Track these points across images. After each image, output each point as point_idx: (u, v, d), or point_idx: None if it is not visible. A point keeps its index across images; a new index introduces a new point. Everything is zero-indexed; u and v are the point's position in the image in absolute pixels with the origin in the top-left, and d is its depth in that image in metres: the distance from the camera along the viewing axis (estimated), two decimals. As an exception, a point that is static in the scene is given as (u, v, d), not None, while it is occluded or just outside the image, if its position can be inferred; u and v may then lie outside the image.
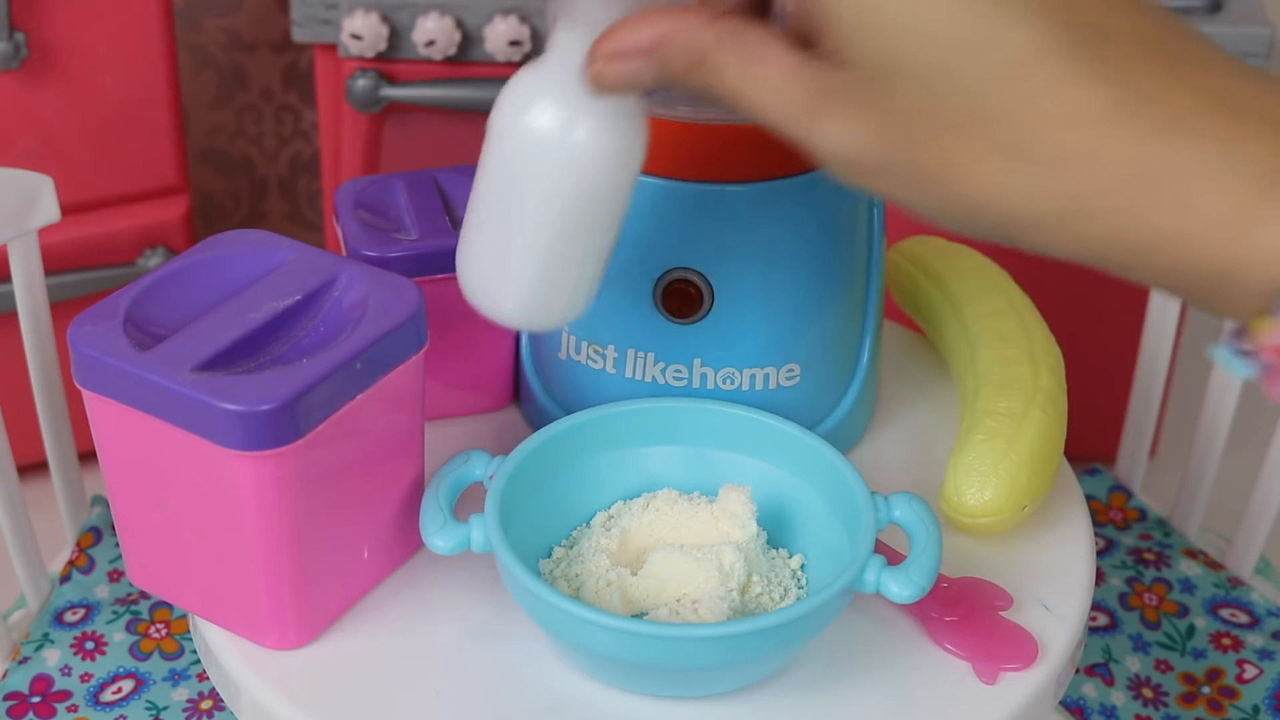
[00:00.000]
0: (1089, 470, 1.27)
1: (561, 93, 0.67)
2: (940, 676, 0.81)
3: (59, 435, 1.13)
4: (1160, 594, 1.17)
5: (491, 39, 1.50)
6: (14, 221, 1.04)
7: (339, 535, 0.81)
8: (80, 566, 1.15)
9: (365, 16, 1.50)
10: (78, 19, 1.50)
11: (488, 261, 0.73)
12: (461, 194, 0.95)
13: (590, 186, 0.69)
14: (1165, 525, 1.23)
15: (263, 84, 1.97)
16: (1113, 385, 1.65)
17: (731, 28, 0.59)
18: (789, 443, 0.85)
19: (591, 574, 0.81)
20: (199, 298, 0.82)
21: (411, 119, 1.58)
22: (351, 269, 0.82)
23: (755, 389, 0.88)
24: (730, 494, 0.82)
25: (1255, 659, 1.12)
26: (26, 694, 1.06)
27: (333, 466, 0.78)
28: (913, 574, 0.77)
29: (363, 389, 0.78)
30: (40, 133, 1.54)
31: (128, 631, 1.10)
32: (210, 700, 1.05)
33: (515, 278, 0.72)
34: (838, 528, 0.82)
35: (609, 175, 0.69)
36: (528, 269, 0.72)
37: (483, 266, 0.73)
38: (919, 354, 1.04)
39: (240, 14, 1.91)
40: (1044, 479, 0.89)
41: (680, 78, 0.60)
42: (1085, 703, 1.09)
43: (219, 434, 0.74)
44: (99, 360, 0.76)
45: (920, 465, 0.94)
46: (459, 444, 0.92)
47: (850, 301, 0.91)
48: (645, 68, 0.61)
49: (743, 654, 0.75)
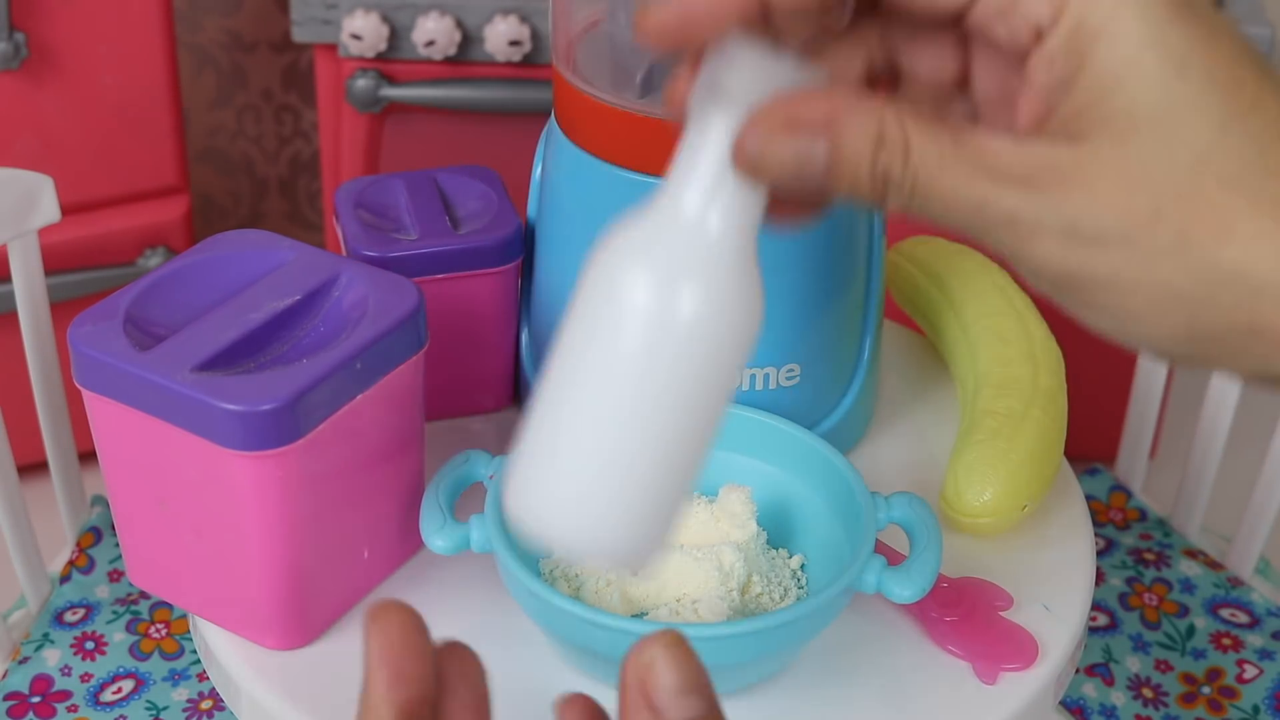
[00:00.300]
0: (1089, 470, 1.27)
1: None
2: (940, 676, 0.81)
3: (59, 435, 1.13)
4: (1160, 594, 1.17)
5: (491, 39, 1.50)
6: (14, 221, 1.04)
7: (339, 535, 0.81)
8: (80, 566, 1.15)
9: (365, 16, 1.50)
10: (78, 19, 1.50)
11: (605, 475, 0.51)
12: (462, 194, 0.95)
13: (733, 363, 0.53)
14: (1165, 525, 1.23)
15: (263, 84, 1.97)
16: (1113, 385, 1.65)
17: (915, 108, 0.51)
18: (789, 443, 0.85)
19: (591, 574, 0.81)
20: (199, 298, 0.82)
21: (411, 119, 1.58)
22: (351, 269, 0.82)
23: (755, 389, 0.88)
24: (730, 494, 0.82)
25: (1255, 659, 1.12)
26: (26, 694, 1.06)
27: (333, 466, 0.78)
28: (913, 574, 0.77)
29: (363, 389, 0.78)
30: (40, 133, 1.54)
31: (128, 631, 1.10)
32: (210, 700, 1.05)
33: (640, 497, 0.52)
34: (838, 528, 0.82)
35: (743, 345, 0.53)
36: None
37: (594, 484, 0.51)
38: (919, 354, 1.04)
39: (240, 14, 1.91)
40: (1044, 479, 0.89)
41: (852, 163, 0.50)
42: (1085, 703, 1.09)
43: (219, 434, 0.74)
44: (99, 360, 0.76)
45: (920, 465, 0.94)
46: (459, 444, 0.92)
47: (850, 301, 0.91)
48: (816, 147, 0.50)
49: (743, 654, 0.75)
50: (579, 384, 0.51)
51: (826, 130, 0.50)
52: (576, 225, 0.89)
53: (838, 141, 0.50)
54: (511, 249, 0.91)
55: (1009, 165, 0.49)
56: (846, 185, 0.50)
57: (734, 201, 0.51)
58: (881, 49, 0.54)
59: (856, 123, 0.50)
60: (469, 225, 0.93)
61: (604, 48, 0.87)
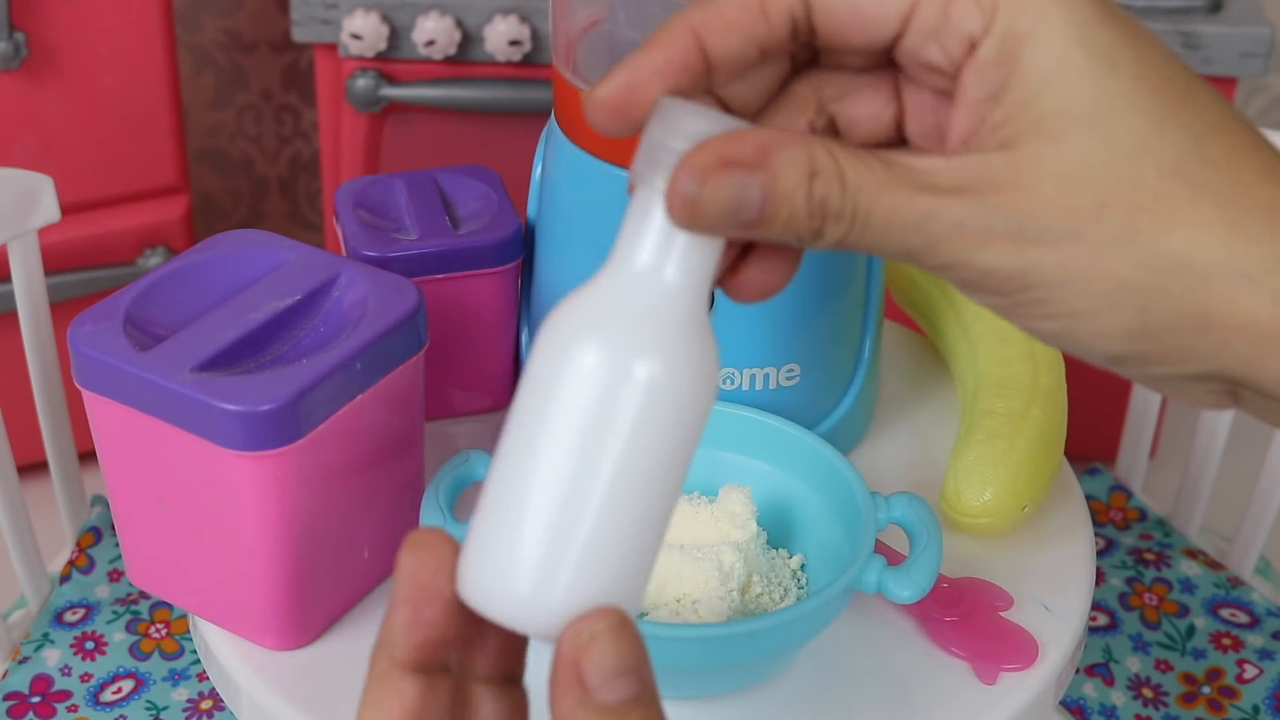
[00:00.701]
0: (1089, 470, 1.27)
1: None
2: (940, 676, 0.81)
3: (59, 435, 1.13)
4: (1160, 594, 1.17)
5: (491, 39, 1.50)
6: (14, 221, 1.04)
7: (339, 535, 0.81)
8: (80, 566, 1.15)
9: (365, 16, 1.50)
10: (78, 19, 1.50)
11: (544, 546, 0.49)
12: (462, 194, 0.95)
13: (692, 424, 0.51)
14: (1165, 525, 1.23)
15: (263, 84, 1.97)
16: (1113, 385, 1.65)
17: (842, 142, 0.50)
18: (789, 443, 0.85)
19: (591, 574, 0.81)
20: (199, 298, 0.82)
21: (411, 119, 1.58)
22: (351, 269, 0.82)
23: (755, 389, 0.88)
24: (730, 494, 0.82)
25: (1255, 659, 1.12)
26: (26, 694, 1.06)
27: (333, 466, 0.78)
28: (913, 574, 0.77)
29: (363, 389, 0.78)
30: (40, 133, 1.54)
31: (128, 631, 1.10)
32: (210, 700, 1.05)
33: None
34: (838, 528, 0.82)
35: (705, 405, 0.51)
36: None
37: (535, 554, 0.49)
38: (919, 354, 1.04)
39: (240, 14, 1.91)
40: (1044, 479, 0.89)
41: (788, 195, 0.49)
42: (1085, 703, 1.09)
43: (219, 434, 0.74)
44: (99, 360, 0.76)
45: (920, 465, 0.94)
46: (459, 444, 0.92)
47: (850, 301, 0.91)
48: (750, 184, 0.48)
49: (743, 654, 0.75)
50: (535, 463, 0.48)
51: (760, 164, 0.48)
52: (576, 225, 0.89)
53: (772, 174, 0.48)
54: (511, 249, 0.91)
55: (946, 179, 0.49)
56: (783, 219, 0.49)
57: (684, 261, 0.49)
58: (818, 106, 0.54)
59: (788, 156, 0.49)
60: (469, 225, 0.93)
61: (604, 47, 0.87)
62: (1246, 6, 1.51)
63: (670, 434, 0.49)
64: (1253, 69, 1.49)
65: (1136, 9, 1.49)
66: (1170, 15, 1.49)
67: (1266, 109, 2.01)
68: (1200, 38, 1.48)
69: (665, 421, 0.49)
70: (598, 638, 0.47)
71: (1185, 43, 1.48)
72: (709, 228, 0.49)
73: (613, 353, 0.48)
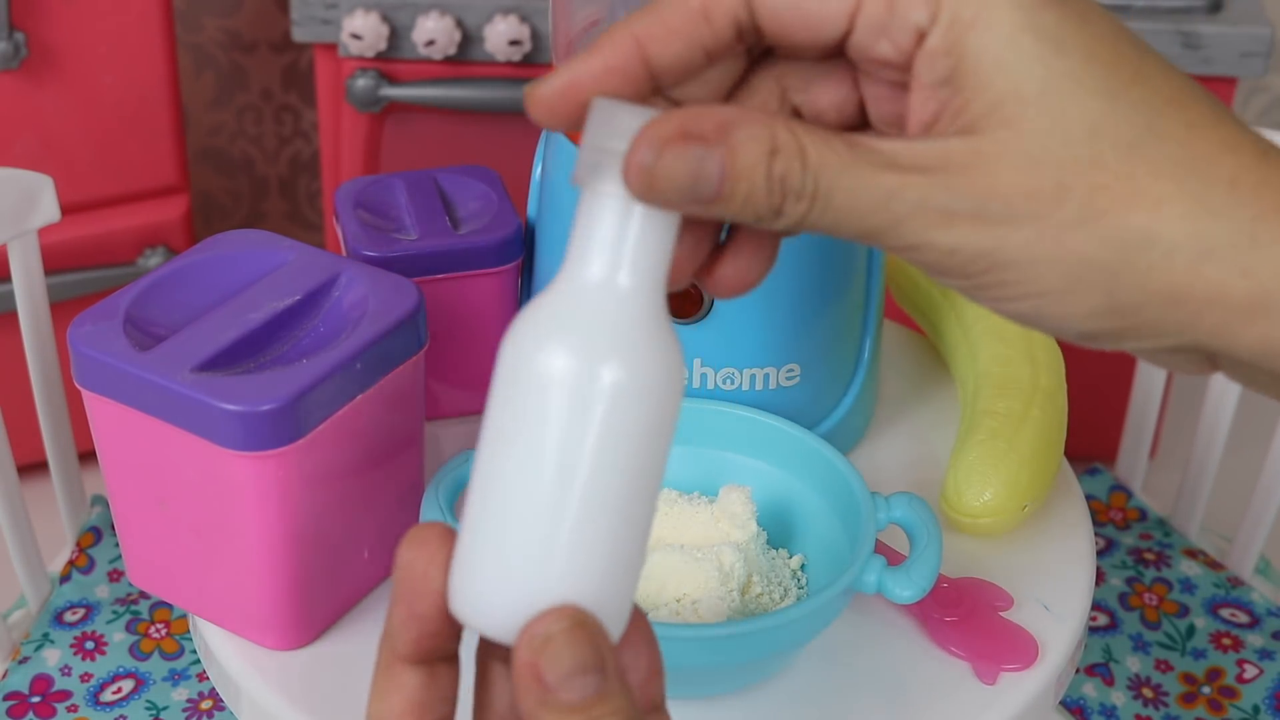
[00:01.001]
0: (1089, 470, 1.27)
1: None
2: (940, 676, 0.81)
3: (59, 435, 1.13)
4: (1160, 594, 1.17)
5: (491, 39, 1.50)
6: (14, 221, 1.04)
7: (339, 535, 0.81)
8: (80, 566, 1.15)
9: (365, 16, 1.50)
10: (78, 19, 1.50)
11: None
12: (462, 194, 0.95)
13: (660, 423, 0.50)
14: (1165, 525, 1.23)
15: (263, 84, 1.97)
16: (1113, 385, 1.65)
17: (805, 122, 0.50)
18: (789, 443, 0.85)
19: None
20: (199, 298, 0.82)
21: (411, 119, 1.58)
22: (351, 269, 0.82)
23: (755, 389, 0.88)
24: (730, 494, 0.82)
25: (1255, 659, 1.12)
26: (26, 694, 1.06)
27: (333, 466, 0.78)
28: (913, 574, 0.77)
29: (363, 389, 0.78)
30: (40, 133, 1.54)
31: (128, 631, 1.10)
32: (210, 700, 1.05)
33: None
34: (838, 528, 0.82)
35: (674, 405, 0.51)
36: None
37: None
38: (919, 354, 1.04)
39: (240, 14, 1.91)
40: (1044, 479, 0.89)
41: (748, 170, 0.48)
42: (1085, 703, 1.09)
43: (219, 434, 0.74)
44: (99, 360, 0.76)
45: (920, 465, 0.94)
46: (459, 444, 0.92)
47: (850, 301, 0.91)
48: (709, 158, 0.47)
49: (743, 654, 0.75)
50: (504, 479, 0.48)
51: (720, 138, 0.48)
52: (576, 225, 0.89)
53: (732, 149, 0.48)
54: (511, 249, 0.91)
55: (908, 159, 0.49)
56: (742, 196, 0.48)
57: (634, 262, 0.49)
58: (780, 98, 0.53)
59: (749, 132, 0.48)
60: (469, 225, 0.93)
61: (604, 48, 0.87)
62: (1246, 6, 1.51)
63: (637, 436, 0.49)
64: (1253, 69, 1.49)
65: (1137, 9, 1.49)
66: (1170, 15, 1.49)
67: (1267, 109, 2.01)
68: (1200, 38, 1.48)
69: (630, 425, 0.48)
70: (553, 638, 0.47)
71: (1185, 43, 1.48)
72: (666, 201, 0.48)
73: (567, 360, 0.48)
